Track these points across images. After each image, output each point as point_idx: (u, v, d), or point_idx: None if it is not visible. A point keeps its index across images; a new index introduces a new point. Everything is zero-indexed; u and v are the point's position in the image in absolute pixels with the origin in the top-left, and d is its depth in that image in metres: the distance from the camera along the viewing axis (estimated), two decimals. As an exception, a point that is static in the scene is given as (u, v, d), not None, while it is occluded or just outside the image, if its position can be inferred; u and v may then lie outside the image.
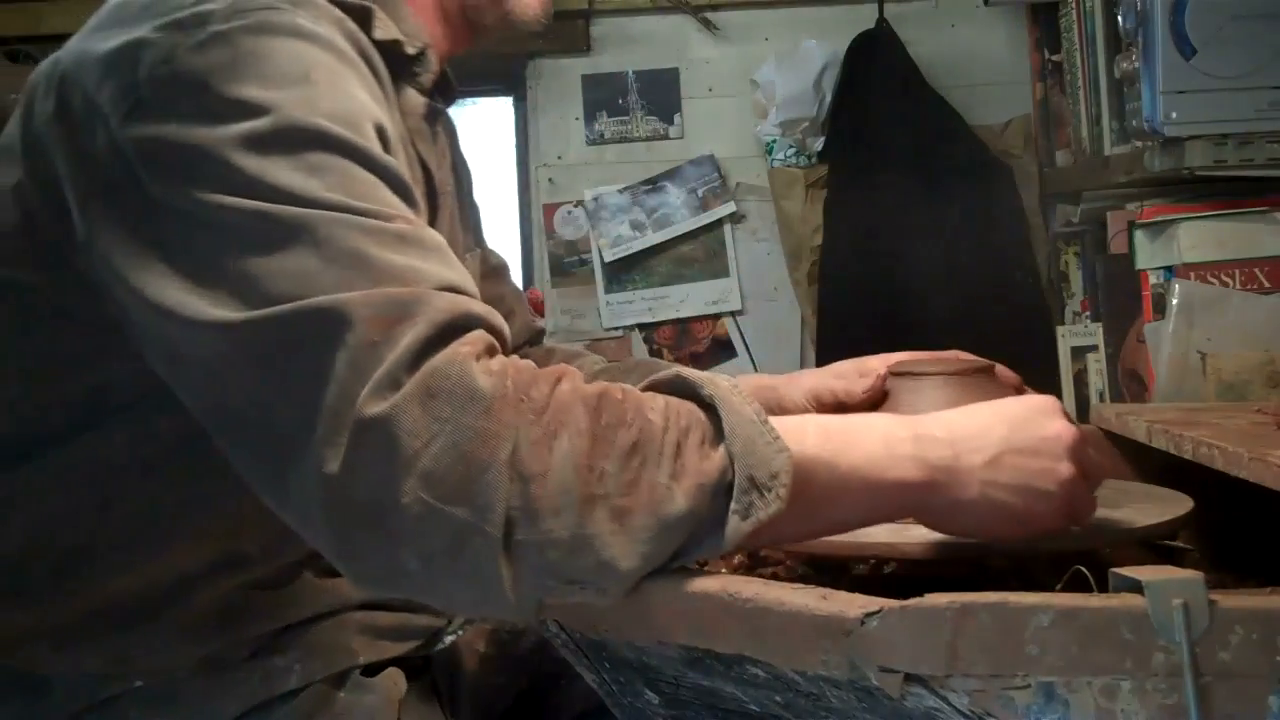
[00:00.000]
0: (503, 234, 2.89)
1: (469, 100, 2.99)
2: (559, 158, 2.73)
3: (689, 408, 0.77)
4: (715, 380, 0.79)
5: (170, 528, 0.96)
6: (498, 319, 0.79)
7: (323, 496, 0.73)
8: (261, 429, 0.77)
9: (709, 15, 2.68)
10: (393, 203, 0.81)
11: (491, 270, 1.29)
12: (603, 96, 2.71)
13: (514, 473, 0.71)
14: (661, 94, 2.71)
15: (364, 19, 0.95)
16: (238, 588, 0.99)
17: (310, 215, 0.78)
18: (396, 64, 1.00)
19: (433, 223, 1.07)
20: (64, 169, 0.86)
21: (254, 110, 0.80)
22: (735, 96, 2.69)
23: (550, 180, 2.73)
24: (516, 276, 1.98)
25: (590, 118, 2.72)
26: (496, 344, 0.78)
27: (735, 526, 0.74)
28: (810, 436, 0.79)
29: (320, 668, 1.01)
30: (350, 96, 0.85)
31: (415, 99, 1.04)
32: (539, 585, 0.73)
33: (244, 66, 0.82)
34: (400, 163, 0.88)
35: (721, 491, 0.75)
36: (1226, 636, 0.65)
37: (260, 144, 0.80)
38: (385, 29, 0.98)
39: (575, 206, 2.72)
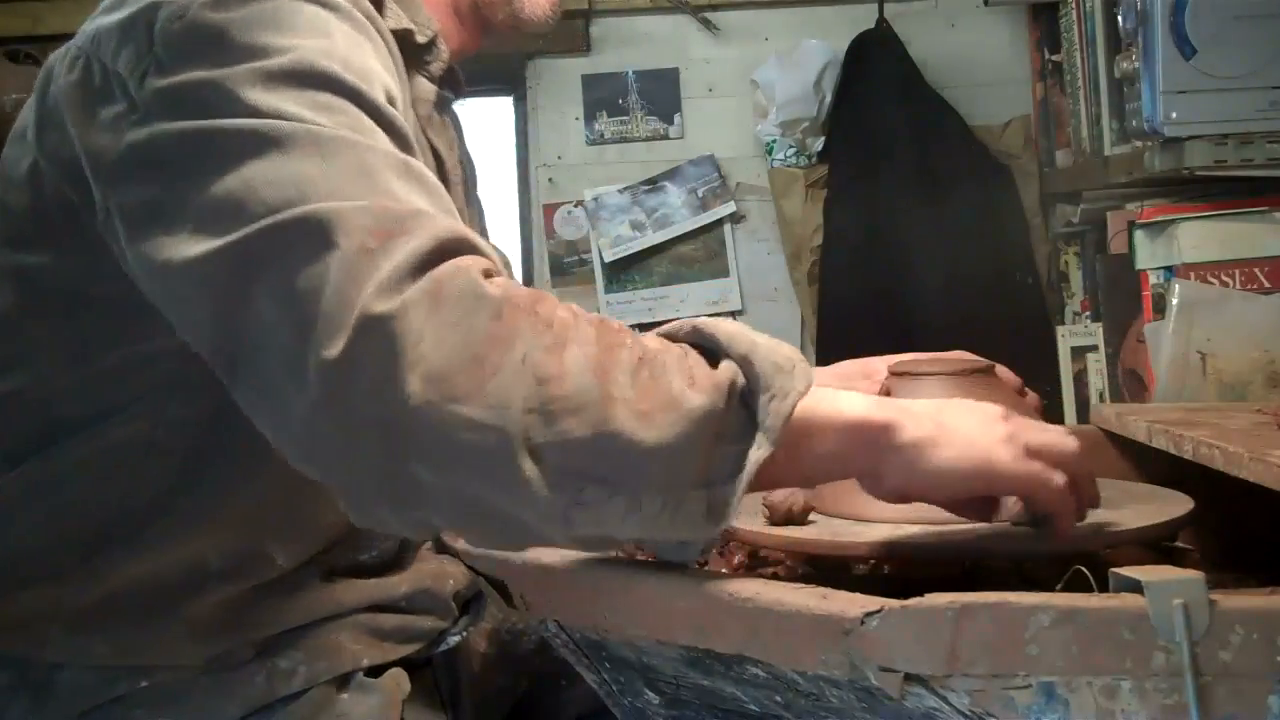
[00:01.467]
0: (503, 234, 2.89)
1: (469, 100, 2.99)
2: (559, 158, 2.73)
3: (680, 343, 0.78)
4: (706, 321, 0.78)
5: (189, 517, 0.96)
6: (497, 257, 0.77)
7: (323, 394, 0.70)
8: (265, 353, 0.74)
9: (709, 15, 2.68)
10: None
11: None
12: (603, 96, 2.71)
13: (530, 373, 0.70)
14: (661, 94, 2.71)
15: (376, 5, 0.95)
16: (250, 589, 0.99)
17: (316, 130, 0.77)
18: (407, 51, 1.01)
19: None
20: (82, 141, 0.86)
21: (270, 51, 0.80)
22: (735, 96, 2.69)
23: (550, 180, 2.73)
24: (516, 276, 1.97)
25: (590, 118, 2.72)
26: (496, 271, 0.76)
27: (775, 411, 0.74)
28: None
29: (324, 669, 1.01)
30: (366, 58, 0.85)
31: (426, 86, 1.05)
32: (569, 488, 0.71)
33: (263, 19, 0.81)
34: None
35: (737, 393, 0.74)
36: (1226, 636, 0.65)
37: (271, 78, 0.79)
38: (396, 18, 0.99)
39: (575, 206, 2.72)
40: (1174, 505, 0.99)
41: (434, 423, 0.69)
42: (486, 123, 2.98)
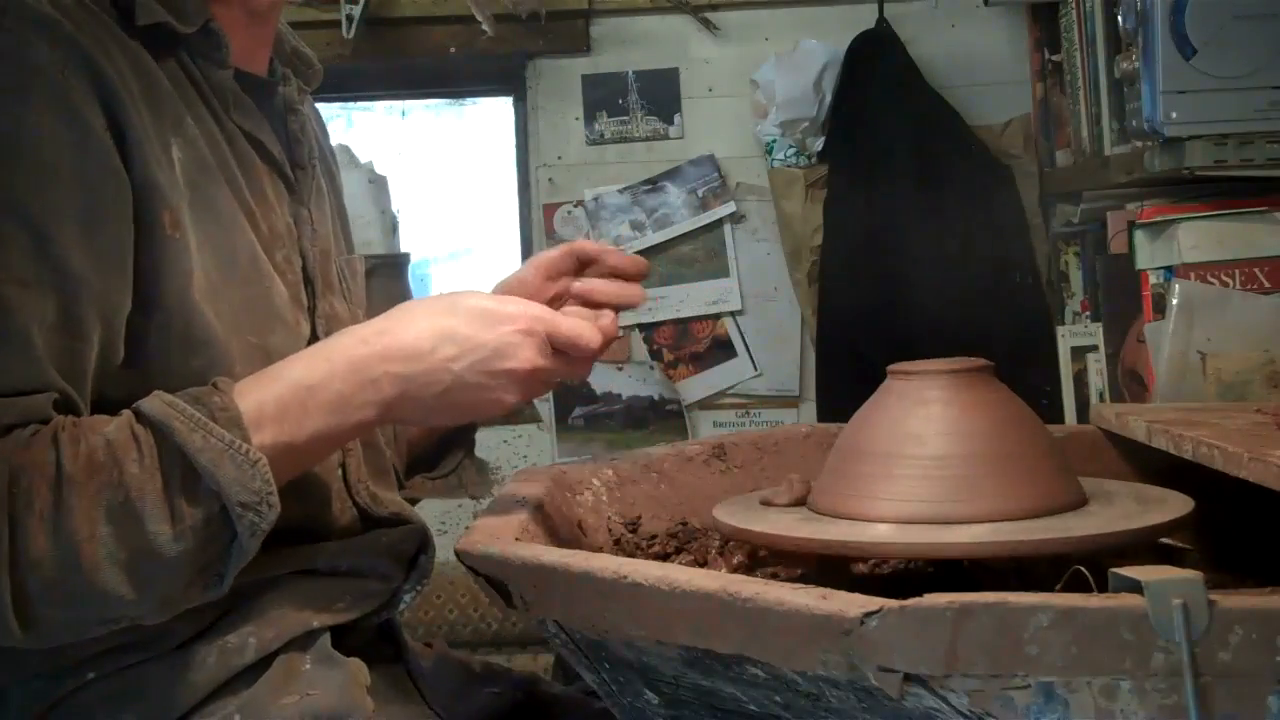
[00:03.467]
0: (503, 234, 2.89)
1: (469, 100, 3.00)
2: (559, 158, 2.73)
3: (169, 448, 0.86)
4: (175, 419, 0.87)
5: None
6: (29, 407, 0.86)
7: None
8: None
9: (709, 15, 2.68)
10: (6, 263, 0.86)
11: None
12: (603, 96, 2.71)
13: (9, 572, 0.82)
14: (661, 94, 2.71)
15: (126, 7, 0.96)
16: None
17: None
18: (182, 44, 1.01)
19: (296, 195, 1.10)
20: None
21: None
22: (735, 96, 2.69)
23: (550, 180, 2.73)
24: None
25: (590, 118, 2.72)
26: None
27: (248, 541, 0.88)
28: (267, 426, 0.90)
29: (274, 638, 1.00)
30: (20, 128, 0.88)
31: (216, 73, 1.04)
32: (74, 630, 0.88)
33: None
34: (152, 157, 0.92)
35: (223, 522, 0.87)
36: (1226, 636, 0.65)
37: None
38: (148, 14, 0.98)
39: (575, 206, 2.72)
40: (1174, 505, 0.99)
41: None
42: (486, 123, 2.99)
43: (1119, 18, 1.80)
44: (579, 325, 0.98)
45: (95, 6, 0.95)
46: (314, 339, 1.06)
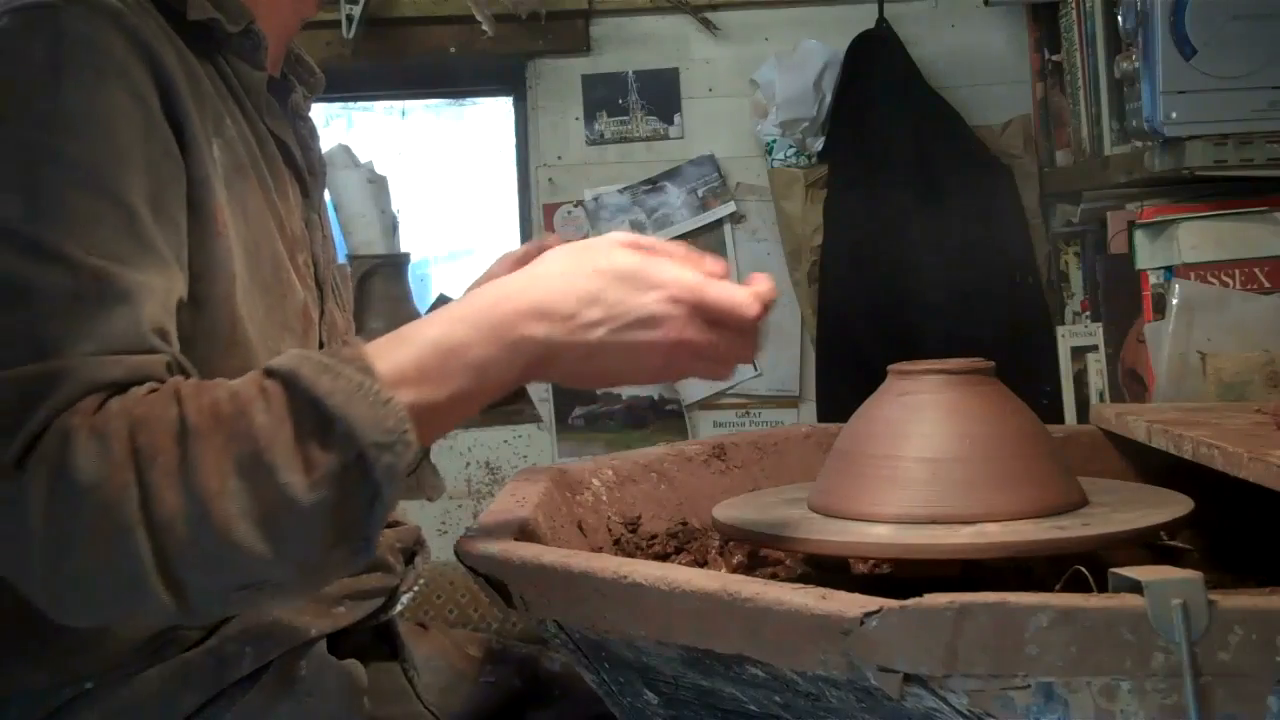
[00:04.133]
0: (503, 234, 2.89)
1: (469, 100, 2.99)
2: (559, 158, 2.73)
3: (298, 396, 0.80)
4: (303, 365, 0.81)
5: None
6: (144, 365, 0.82)
7: None
8: None
9: (709, 15, 2.68)
10: (101, 241, 0.83)
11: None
12: (603, 96, 2.71)
13: (147, 533, 0.76)
14: (661, 94, 2.71)
15: (175, 2, 0.96)
16: None
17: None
18: (225, 44, 1.01)
19: (308, 200, 1.10)
20: None
21: None
22: (735, 96, 2.69)
23: (550, 180, 2.73)
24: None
25: (590, 118, 2.72)
26: (110, 395, 0.80)
27: (388, 487, 0.80)
28: (406, 388, 0.83)
29: (273, 647, 1.00)
30: (105, 108, 0.87)
31: (252, 74, 1.04)
32: (218, 598, 0.81)
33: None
34: (207, 151, 0.92)
35: (359, 470, 0.79)
36: (1226, 636, 0.65)
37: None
38: (200, 9, 0.98)
39: (575, 206, 2.72)
40: (1174, 505, 0.99)
41: (60, 594, 0.79)
42: (486, 123, 2.98)
43: (1119, 18, 1.80)
44: (731, 290, 0.91)
45: (148, 1, 0.94)
46: (320, 346, 1.05)
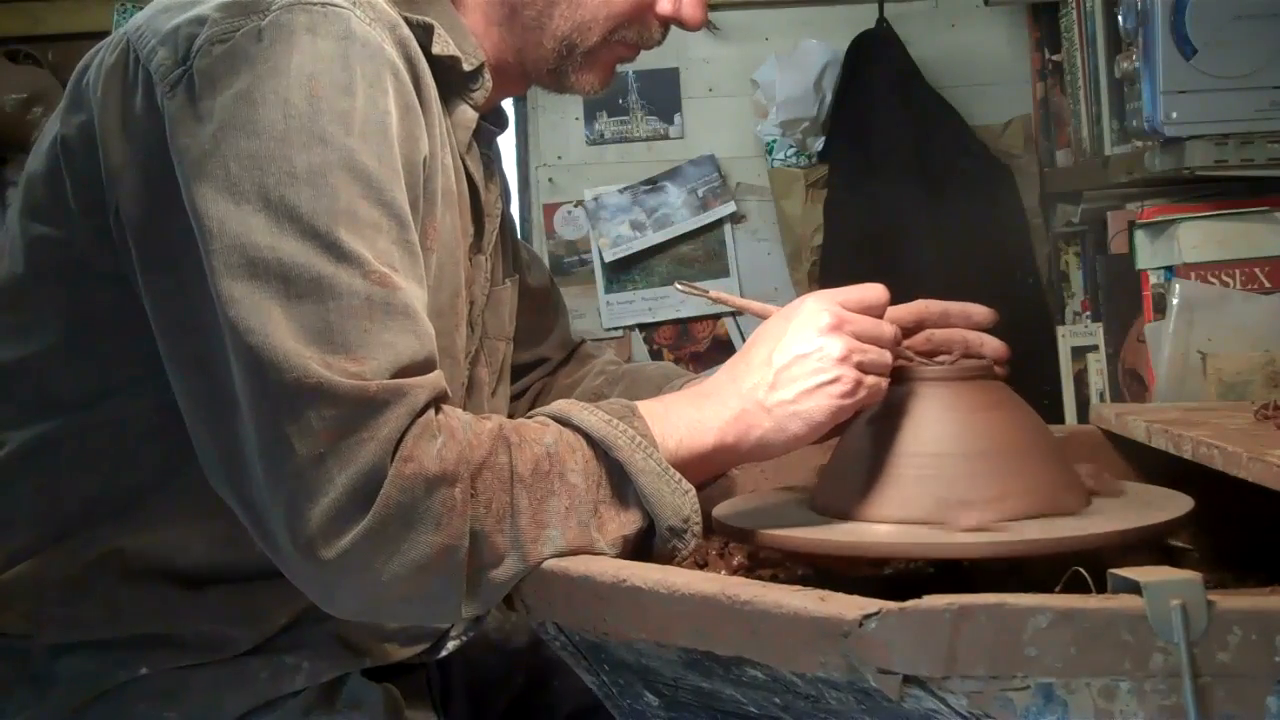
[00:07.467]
0: (503, 234, 2.89)
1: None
2: (559, 158, 2.73)
3: (607, 463, 0.87)
4: (619, 438, 0.87)
5: (181, 499, 0.96)
6: (438, 382, 0.85)
7: (301, 572, 0.83)
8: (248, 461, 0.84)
9: (709, 15, 2.68)
10: (382, 250, 0.85)
11: (530, 293, 1.27)
12: (603, 96, 2.70)
13: (471, 567, 0.82)
14: (661, 94, 2.71)
15: (425, 33, 0.98)
16: (244, 578, 0.98)
17: (303, 270, 0.82)
18: (453, 79, 1.02)
19: (478, 241, 1.09)
20: (101, 123, 0.90)
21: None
22: (735, 96, 2.69)
23: (550, 180, 2.73)
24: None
25: (590, 118, 2.72)
26: (434, 419, 0.83)
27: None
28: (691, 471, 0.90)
29: (327, 668, 1.01)
30: (384, 114, 0.88)
31: (468, 114, 1.05)
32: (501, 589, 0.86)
33: (286, 65, 0.85)
34: (437, 175, 0.94)
35: (642, 537, 0.88)
36: (1225, 637, 0.65)
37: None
38: (444, 45, 1.00)
39: (575, 206, 2.72)
40: (1174, 505, 0.99)
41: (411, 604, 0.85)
42: (487, 123, 2.99)
43: (1119, 18, 1.80)
44: (857, 288, 0.99)
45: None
46: (467, 384, 1.07)
